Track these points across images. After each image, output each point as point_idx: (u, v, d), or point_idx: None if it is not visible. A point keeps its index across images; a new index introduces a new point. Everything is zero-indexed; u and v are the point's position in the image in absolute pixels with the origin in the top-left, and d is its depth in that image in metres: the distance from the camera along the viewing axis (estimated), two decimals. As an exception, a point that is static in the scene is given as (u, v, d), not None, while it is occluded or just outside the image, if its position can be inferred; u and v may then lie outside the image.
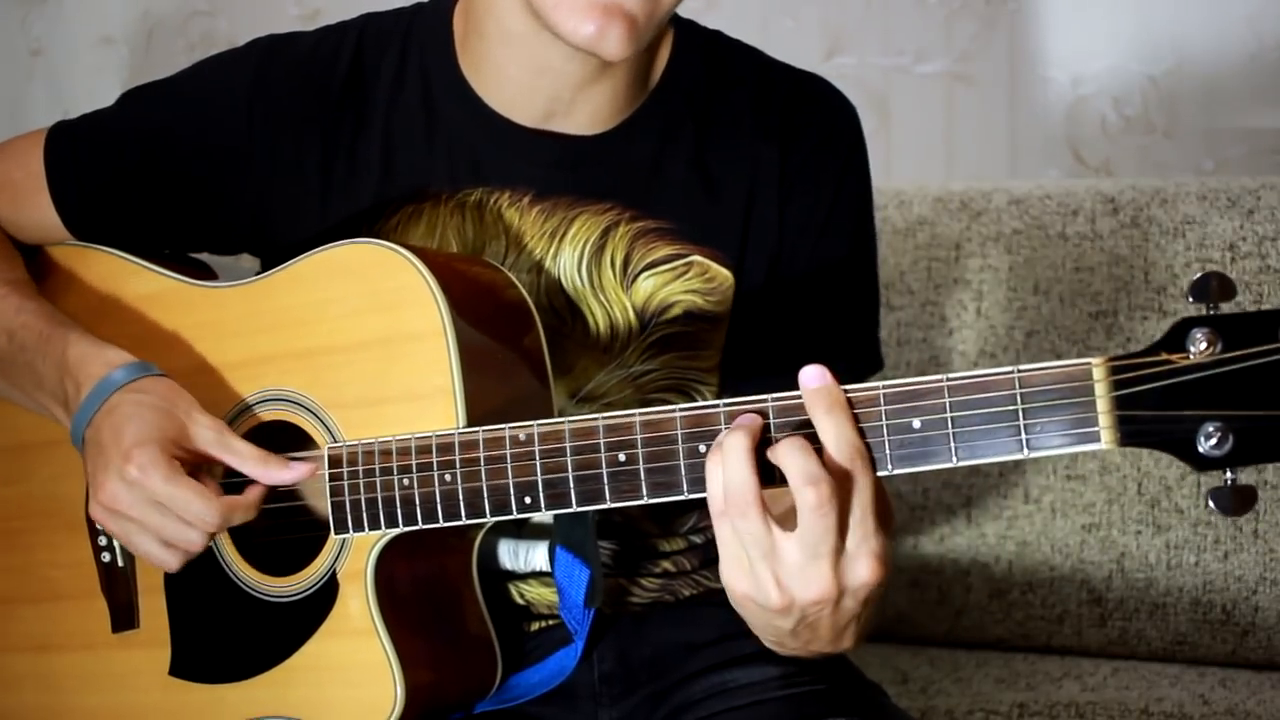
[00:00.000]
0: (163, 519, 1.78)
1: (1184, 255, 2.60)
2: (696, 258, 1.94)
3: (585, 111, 1.93)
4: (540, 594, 1.97)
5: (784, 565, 1.52)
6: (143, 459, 1.76)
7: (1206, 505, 1.54)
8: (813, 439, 1.53)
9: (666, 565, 2.00)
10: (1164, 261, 2.61)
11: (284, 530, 1.86)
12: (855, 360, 2.00)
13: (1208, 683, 2.48)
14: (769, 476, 1.53)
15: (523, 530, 1.92)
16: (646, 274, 1.93)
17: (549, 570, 1.89)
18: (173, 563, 1.82)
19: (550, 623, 1.98)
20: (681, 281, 1.93)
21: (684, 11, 1.92)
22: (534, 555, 1.92)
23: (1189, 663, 2.60)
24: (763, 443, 1.55)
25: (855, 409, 1.53)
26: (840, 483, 1.51)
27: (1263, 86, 3.08)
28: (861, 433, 1.52)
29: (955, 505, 2.68)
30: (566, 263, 1.93)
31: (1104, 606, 2.61)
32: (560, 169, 1.93)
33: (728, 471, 1.52)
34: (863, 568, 1.53)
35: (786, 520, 1.52)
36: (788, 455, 1.51)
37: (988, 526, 2.67)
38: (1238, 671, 2.55)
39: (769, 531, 1.52)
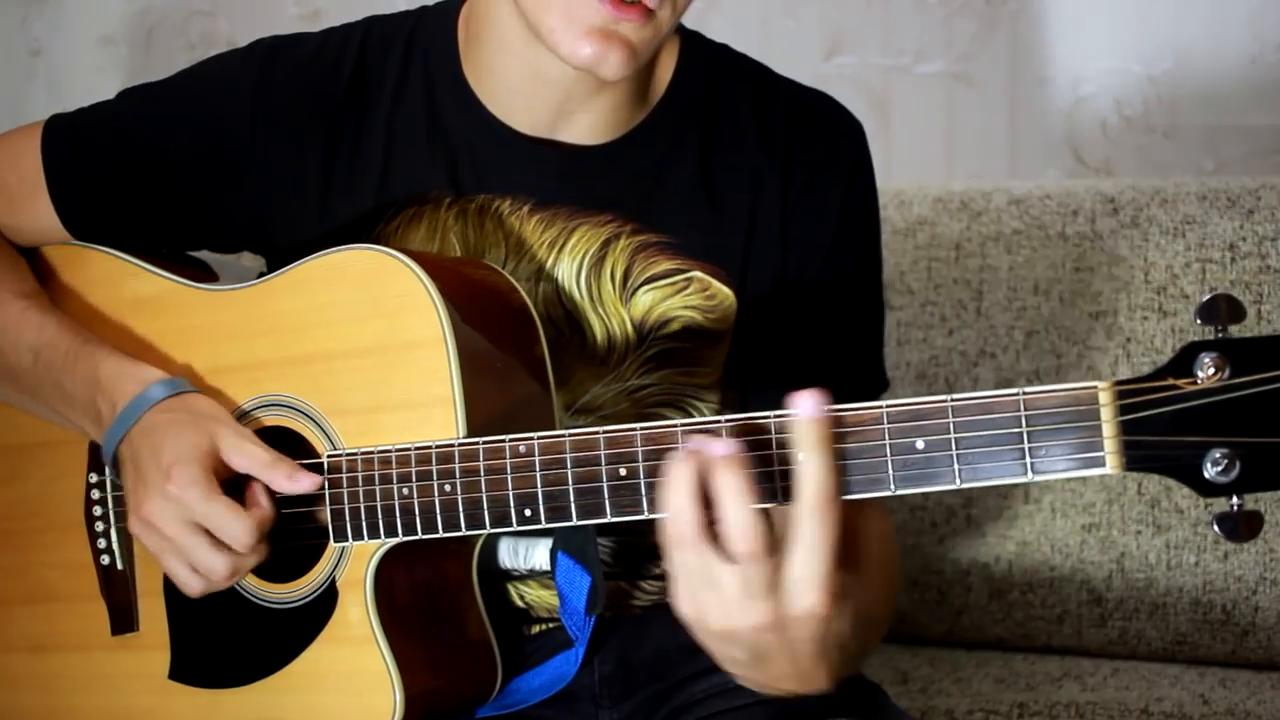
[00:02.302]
0: (195, 541, 1.78)
1: (1184, 255, 2.60)
2: (697, 274, 1.93)
3: (587, 121, 1.92)
4: (540, 596, 1.97)
5: (724, 594, 1.50)
6: (182, 477, 1.76)
7: (1211, 529, 1.53)
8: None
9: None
10: (1164, 261, 2.60)
11: (284, 537, 1.86)
12: (859, 381, 1.99)
13: (1208, 683, 2.48)
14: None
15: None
16: (646, 288, 1.92)
17: (549, 570, 1.89)
18: (196, 588, 1.81)
19: (551, 625, 1.98)
20: (681, 297, 1.93)
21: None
22: (534, 554, 1.91)
23: (1189, 663, 2.60)
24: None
25: (858, 427, 1.52)
26: (799, 513, 1.48)
27: (1263, 87, 3.08)
28: (842, 469, 1.51)
29: (955, 505, 2.68)
30: (565, 274, 1.92)
31: (1104, 606, 2.61)
32: (561, 179, 1.92)
33: (671, 500, 1.50)
34: (807, 598, 1.48)
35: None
36: (724, 501, 1.48)
37: (988, 526, 2.67)
38: (1238, 671, 2.55)
39: (707, 563, 1.49)
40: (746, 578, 1.48)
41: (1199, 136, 3.14)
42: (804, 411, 1.49)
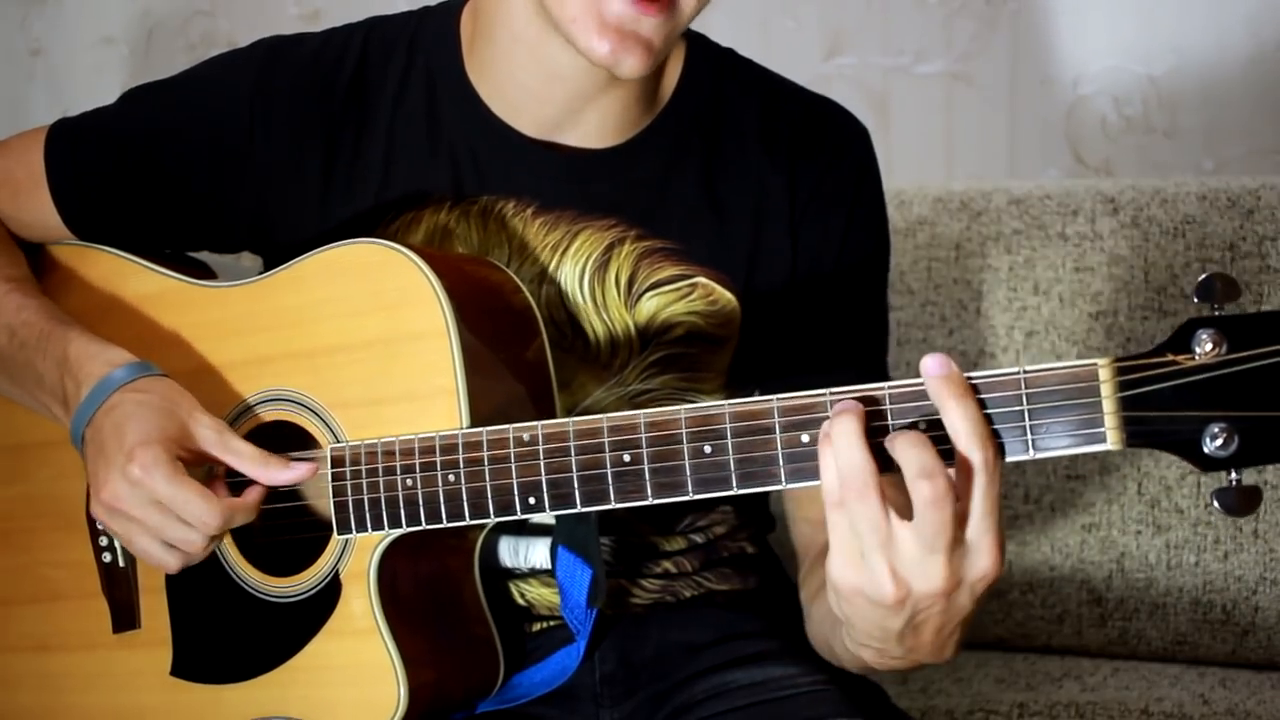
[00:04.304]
0: (164, 519, 1.77)
1: (1184, 255, 2.60)
2: (701, 279, 1.93)
3: (593, 123, 1.92)
4: (541, 594, 1.97)
5: (900, 555, 1.47)
6: (145, 458, 1.75)
7: (1210, 505, 1.54)
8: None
9: (668, 565, 2.00)
10: (1164, 261, 2.60)
11: (286, 531, 1.86)
12: (863, 383, 1.98)
13: (1208, 683, 2.48)
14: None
15: (523, 527, 1.92)
16: (650, 293, 1.93)
17: (548, 568, 1.89)
18: (173, 564, 1.81)
19: (552, 623, 1.98)
20: (685, 302, 1.93)
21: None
22: (533, 552, 1.91)
23: (1189, 663, 2.60)
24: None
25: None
26: (966, 472, 1.47)
27: (1263, 87, 3.08)
28: (990, 420, 1.49)
29: (955, 505, 2.68)
30: (568, 277, 1.93)
31: (1104, 606, 2.61)
32: (565, 182, 1.92)
33: (840, 457, 1.47)
34: (984, 559, 1.48)
35: (904, 509, 1.47)
36: (903, 449, 1.46)
37: (988, 526, 2.67)
38: (1238, 671, 2.55)
39: (886, 518, 1.47)
40: (927, 536, 1.46)
41: (1199, 136, 3.14)
42: (934, 370, 1.48)
